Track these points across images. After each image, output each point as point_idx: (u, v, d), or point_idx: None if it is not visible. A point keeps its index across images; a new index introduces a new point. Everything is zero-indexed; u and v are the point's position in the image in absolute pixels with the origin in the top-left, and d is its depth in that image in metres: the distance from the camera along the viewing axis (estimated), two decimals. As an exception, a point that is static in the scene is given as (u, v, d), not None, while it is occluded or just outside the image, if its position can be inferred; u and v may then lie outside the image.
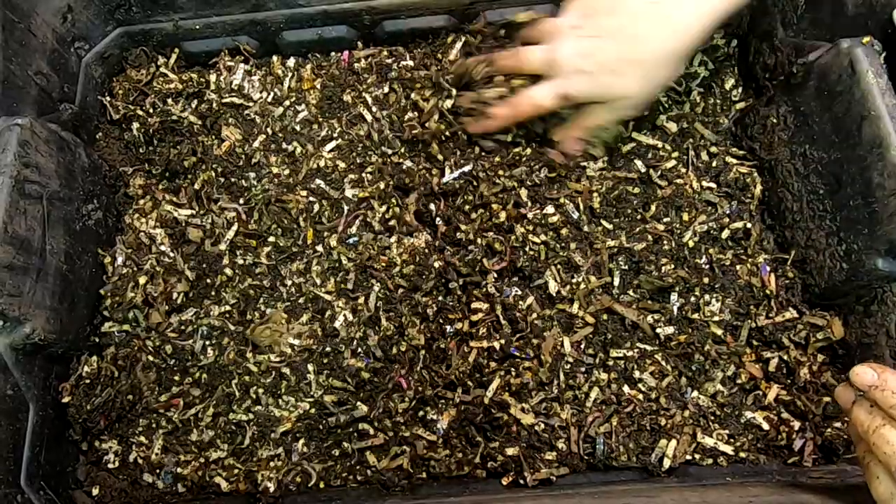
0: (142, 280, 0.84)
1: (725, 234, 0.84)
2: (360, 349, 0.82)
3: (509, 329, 0.81)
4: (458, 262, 0.83)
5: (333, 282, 0.85)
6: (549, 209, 0.84)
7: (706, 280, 0.82)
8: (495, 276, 0.83)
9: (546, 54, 0.79)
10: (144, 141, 0.93)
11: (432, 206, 0.87)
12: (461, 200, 0.87)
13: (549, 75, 0.79)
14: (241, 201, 0.90)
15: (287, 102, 0.95)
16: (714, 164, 0.88)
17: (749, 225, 0.84)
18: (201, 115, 0.94)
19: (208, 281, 0.87)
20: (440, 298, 0.83)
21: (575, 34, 0.77)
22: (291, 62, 0.98)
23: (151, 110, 0.94)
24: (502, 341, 0.80)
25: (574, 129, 0.83)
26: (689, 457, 0.76)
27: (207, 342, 0.84)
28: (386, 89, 0.95)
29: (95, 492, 0.79)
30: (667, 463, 0.75)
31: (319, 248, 0.87)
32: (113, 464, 0.80)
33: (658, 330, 0.80)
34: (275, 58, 0.98)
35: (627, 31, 0.74)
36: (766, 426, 0.76)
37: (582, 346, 0.80)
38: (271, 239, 0.88)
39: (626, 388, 0.78)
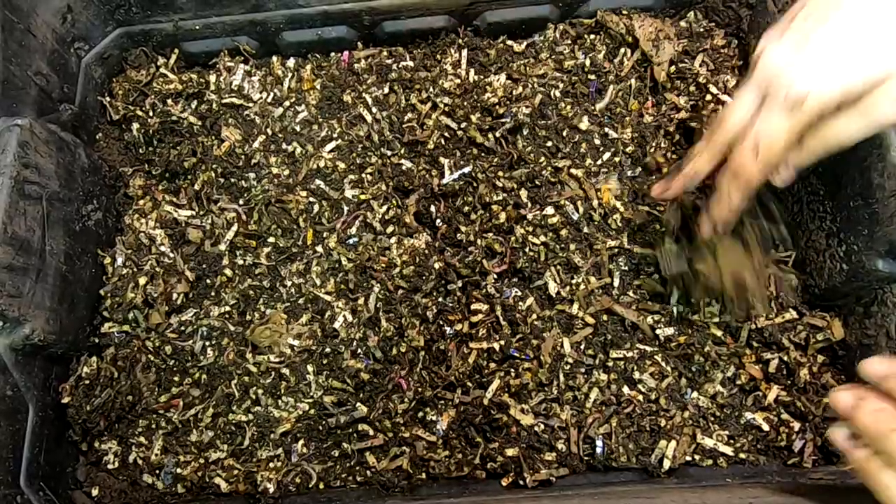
0: (142, 280, 0.84)
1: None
2: (359, 350, 0.82)
3: (509, 330, 0.81)
4: (458, 264, 0.83)
5: (333, 282, 0.85)
6: (549, 210, 0.84)
7: (706, 281, 0.82)
8: (495, 277, 0.83)
9: (754, 74, 0.60)
10: (144, 141, 0.93)
11: (432, 208, 0.87)
12: (461, 201, 0.87)
13: (768, 97, 0.59)
14: (241, 202, 0.90)
15: (287, 103, 0.95)
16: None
17: (749, 226, 0.84)
18: (201, 115, 0.94)
19: (208, 281, 0.87)
20: (440, 299, 0.83)
21: (777, 36, 0.59)
22: (291, 62, 0.98)
23: (151, 111, 0.94)
24: (502, 342, 0.80)
25: (806, 152, 0.61)
26: (688, 458, 0.76)
27: (207, 343, 0.84)
28: (386, 90, 0.95)
29: (95, 492, 0.79)
30: (667, 464, 0.75)
31: (319, 248, 0.87)
32: (112, 464, 0.80)
33: (658, 331, 0.80)
34: (275, 58, 0.98)
35: None
36: (765, 427, 0.76)
37: (582, 347, 0.80)
38: (271, 239, 0.88)
39: (625, 389, 0.78)
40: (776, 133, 0.58)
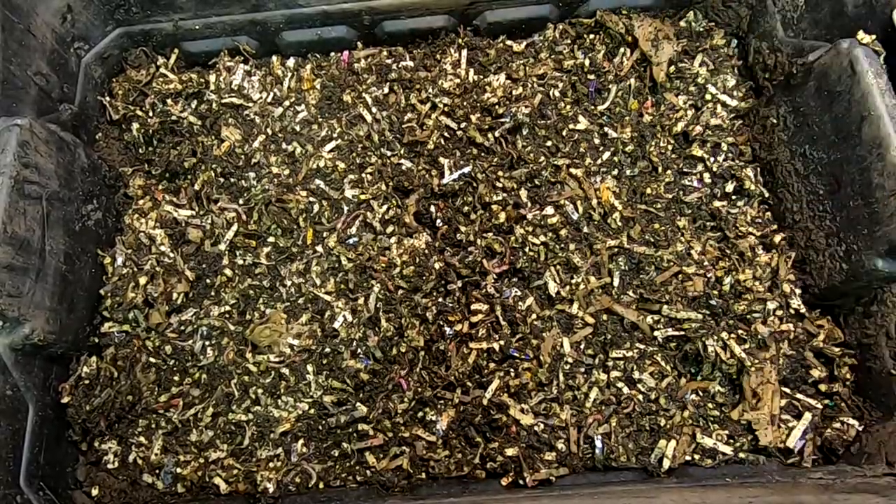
0: (142, 280, 0.84)
1: (725, 234, 0.84)
2: (359, 350, 0.82)
3: (509, 330, 0.81)
4: (458, 264, 0.83)
5: (333, 282, 0.85)
6: (549, 210, 0.84)
7: (706, 280, 0.81)
8: (495, 277, 0.83)
9: None
10: (144, 141, 0.93)
11: (432, 208, 0.87)
12: (461, 202, 0.87)
13: None
14: (241, 201, 0.89)
15: (287, 103, 0.95)
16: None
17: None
18: (201, 115, 0.94)
19: (208, 281, 0.87)
20: (440, 300, 0.83)
21: None
22: (291, 62, 0.98)
23: (151, 111, 0.94)
24: (502, 342, 0.79)
25: None
26: (688, 457, 0.76)
27: (207, 342, 0.84)
28: (386, 90, 0.95)
29: (95, 492, 0.79)
30: (666, 463, 0.74)
31: (319, 248, 0.87)
32: (112, 464, 0.80)
33: (657, 332, 0.80)
34: (274, 58, 0.98)
35: None
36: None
37: (581, 347, 0.80)
38: (271, 239, 0.88)
39: (625, 389, 0.78)
40: None
